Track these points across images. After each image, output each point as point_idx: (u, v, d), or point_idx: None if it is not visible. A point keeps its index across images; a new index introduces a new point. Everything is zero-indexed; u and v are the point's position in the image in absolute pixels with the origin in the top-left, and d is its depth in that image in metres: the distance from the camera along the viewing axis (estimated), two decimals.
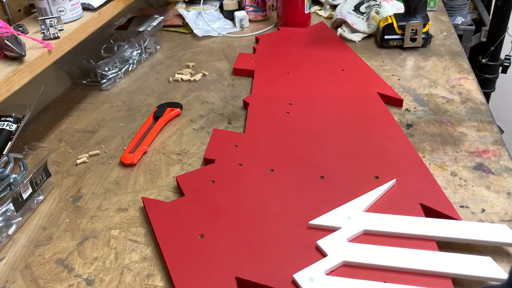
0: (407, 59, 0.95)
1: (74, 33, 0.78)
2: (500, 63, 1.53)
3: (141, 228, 0.61)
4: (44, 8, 0.77)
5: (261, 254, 0.53)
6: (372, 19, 1.05)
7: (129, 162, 0.72)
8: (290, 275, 0.50)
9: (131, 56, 1.03)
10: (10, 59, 0.67)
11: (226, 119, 0.82)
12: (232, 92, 0.90)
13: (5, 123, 0.68)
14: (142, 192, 0.67)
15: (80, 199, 0.67)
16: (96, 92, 0.95)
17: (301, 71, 0.92)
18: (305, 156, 0.68)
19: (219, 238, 0.56)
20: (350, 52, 0.98)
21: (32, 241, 0.60)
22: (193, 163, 0.72)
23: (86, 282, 0.54)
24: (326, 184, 0.62)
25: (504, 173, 0.63)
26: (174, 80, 0.96)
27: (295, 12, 1.11)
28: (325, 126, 0.74)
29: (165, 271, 0.54)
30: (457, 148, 0.68)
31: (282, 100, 0.82)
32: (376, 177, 0.62)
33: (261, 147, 0.71)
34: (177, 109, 0.84)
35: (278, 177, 0.64)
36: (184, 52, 1.09)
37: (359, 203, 0.58)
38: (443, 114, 0.76)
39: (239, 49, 1.07)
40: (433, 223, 0.54)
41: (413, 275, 0.49)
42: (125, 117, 0.86)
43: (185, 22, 1.20)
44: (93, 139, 0.80)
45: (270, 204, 0.60)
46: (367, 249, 0.52)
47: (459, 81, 0.85)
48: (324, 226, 0.55)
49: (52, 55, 0.72)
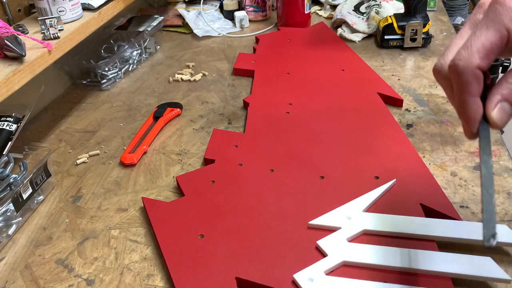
0: (407, 59, 0.95)
1: (74, 33, 0.78)
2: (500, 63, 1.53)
3: (141, 228, 0.61)
4: (44, 8, 0.77)
5: (261, 254, 0.53)
6: (372, 19, 1.05)
7: (129, 162, 0.72)
8: (290, 275, 0.50)
9: (131, 56, 1.03)
10: (10, 59, 0.67)
11: (226, 119, 0.82)
12: (232, 92, 0.90)
13: (5, 123, 0.68)
14: (142, 192, 0.67)
15: (80, 199, 0.67)
16: (96, 92, 0.95)
17: (301, 71, 0.92)
18: (305, 156, 0.68)
19: (219, 238, 0.56)
20: (350, 52, 0.98)
21: (32, 241, 0.60)
22: (193, 163, 0.72)
23: (86, 282, 0.54)
24: (326, 184, 0.62)
25: (504, 173, 0.63)
26: (174, 80, 0.96)
27: (295, 12, 1.11)
28: (325, 126, 0.74)
29: (165, 271, 0.54)
30: (457, 148, 0.68)
31: (282, 100, 0.82)
32: (376, 177, 0.62)
33: (261, 147, 0.71)
34: (177, 109, 0.84)
35: (278, 177, 0.64)
36: (184, 52, 1.09)
37: (359, 203, 0.58)
38: (443, 114, 0.76)
39: (239, 49, 1.07)
40: (433, 223, 0.54)
41: (413, 275, 0.49)
42: (125, 117, 0.86)
43: (185, 22, 1.20)
44: (93, 139, 0.80)
45: (270, 204, 0.60)
46: (367, 249, 0.52)
47: None
48: (324, 226, 0.55)
49: (52, 55, 0.72)
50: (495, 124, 0.38)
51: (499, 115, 0.38)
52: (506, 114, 0.38)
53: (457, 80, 0.38)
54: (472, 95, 0.38)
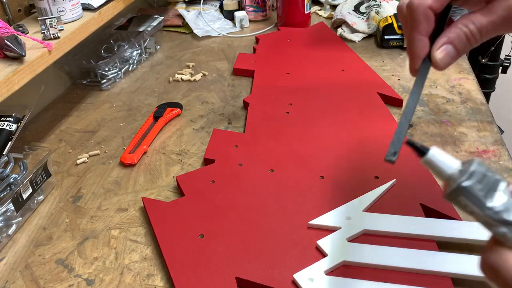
0: (407, 59, 0.95)
1: (74, 33, 0.78)
2: (500, 63, 1.53)
3: (141, 228, 0.61)
4: (44, 8, 0.77)
5: (261, 254, 0.53)
6: (372, 19, 1.05)
7: (129, 162, 0.72)
8: (290, 275, 0.50)
9: (131, 56, 1.03)
10: (10, 59, 0.67)
11: (226, 119, 0.82)
12: (232, 92, 0.90)
13: (5, 123, 0.68)
14: (142, 192, 0.67)
15: (80, 199, 0.67)
16: (96, 92, 0.95)
17: (301, 71, 0.92)
18: (305, 156, 0.68)
19: (219, 238, 0.56)
20: (350, 52, 0.98)
21: (32, 241, 0.60)
22: (193, 163, 0.72)
23: (86, 282, 0.54)
24: (326, 184, 0.62)
25: (504, 173, 0.63)
26: (174, 80, 0.96)
27: (295, 12, 1.11)
28: (325, 126, 0.74)
29: (165, 271, 0.54)
30: (457, 148, 0.68)
31: (282, 100, 0.82)
32: (376, 177, 0.62)
33: (261, 147, 0.71)
34: (177, 109, 0.84)
35: (278, 177, 0.64)
36: (184, 52, 1.09)
37: (359, 203, 0.58)
38: (443, 114, 0.76)
39: (239, 49, 1.07)
40: (433, 223, 0.54)
41: (413, 275, 0.49)
42: (125, 117, 0.86)
43: (185, 22, 1.20)
44: (93, 139, 0.80)
45: (270, 204, 0.60)
46: (367, 249, 0.52)
47: (459, 81, 0.85)
48: (324, 226, 0.55)
49: (52, 55, 0.72)
50: (436, 63, 0.41)
51: (441, 56, 0.40)
52: (449, 56, 0.40)
53: (410, 17, 0.41)
54: (420, 33, 0.41)
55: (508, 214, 0.26)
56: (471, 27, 0.39)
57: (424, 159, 0.29)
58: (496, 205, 0.27)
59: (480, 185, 0.27)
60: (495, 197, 0.27)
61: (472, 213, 0.28)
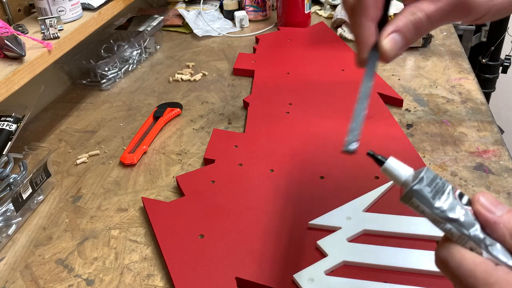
0: (407, 59, 0.95)
1: (74, 33, 0.78)
2: (500, 63, 1.53)
3: (141, 228, 0.61)
4: (44, 8, 0.77)
5: (261, 254, 0.53)
6: None
7: (129, 162, 0.72)
8: (290, 275, 0.50)
9: (131, 56, 1.03)
10: (10, 59, 0.67)
11: (226, 119, 0.82)
12: (232, 92, 0.90)
13: (5, 123, 0.68)
14: (142, 192, 0.67)
15: (80, 199, 0.67)
16: (96, 92, 0.95)
17: (301, 71, 0.92)
18: (305, 156, 0.68)
19: (219, 238, 0.56)
20: (350, 52, 0.98)
21: (32, 241, 0.60)
22: (193, 163, 0.72)
23: (86, 282, 0.54)
24: (326, 184, 0.62)
25: (504, 173, 0.63)
26: (174, 80, 0.96)
27: (295, 12, 1.11)
28: (325, 126, 0.74)
29: (165, 271, 0.54)
30: (457, 148, 0.68)
31: (282, 100, 0.82)
32: (376, 177, 0.62)
33: (261, 147, 0.71)
34: (177, 109, 0.84)
35: (278, 177, 0.64)
36: (184, 52, 1.09)
37: (359, 203, 0.58)
38: (443, 114, 0.76)
39: (239, 49, 1.07)
40: None
41: (413, 275, 0.49)
42: (125, 117, 0.86)
43: (185, 22, 1.20)
44: (93, 139, 0.80)
45: (270, 204, 0.60)
46: (367, 249, 0.52)
47: (459, 81, 0.85)
48: (324, 226, 0.55)
49: (52, 55, 0.72)
50: (384, 53, 0.39)
51: (389, 45, 0.39)
52: (397, 44, 0.39)
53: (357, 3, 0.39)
54: (367, 18, 0.39)
55: (453, 212, 0.30)
56: (420, 15, 0.38)
57: (383, 167, 0.34)
58: (443, 205, 0.30)
59: (429, 188, 0.31)
60: (442, 198, 0.30)
61: (423, 213, 0.31)
